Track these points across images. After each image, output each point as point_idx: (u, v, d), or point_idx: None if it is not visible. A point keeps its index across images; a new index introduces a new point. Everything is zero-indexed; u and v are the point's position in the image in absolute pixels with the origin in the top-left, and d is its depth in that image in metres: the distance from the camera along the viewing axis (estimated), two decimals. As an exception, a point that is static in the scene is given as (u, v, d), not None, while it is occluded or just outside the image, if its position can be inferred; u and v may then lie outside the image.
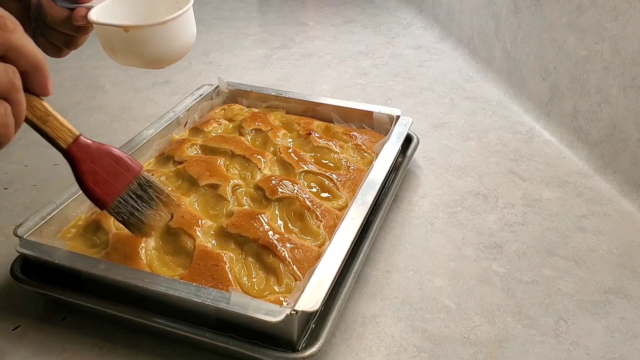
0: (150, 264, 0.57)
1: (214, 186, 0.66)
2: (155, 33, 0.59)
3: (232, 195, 0.65)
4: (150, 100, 1.04)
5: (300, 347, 0.52)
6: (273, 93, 0.87)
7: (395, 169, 0.76)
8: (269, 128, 0.79)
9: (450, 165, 0.84)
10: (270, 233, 0.59)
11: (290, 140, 0.78)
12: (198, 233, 0.59)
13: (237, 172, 0.70)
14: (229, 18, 1.47)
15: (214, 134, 0.78)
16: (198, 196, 0.66)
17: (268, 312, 0.49)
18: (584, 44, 0.83)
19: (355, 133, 0.80)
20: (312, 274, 0.53)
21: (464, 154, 0.87)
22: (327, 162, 0.74)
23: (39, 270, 0.58)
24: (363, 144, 0.77)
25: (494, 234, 0.70)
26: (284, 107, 0.86)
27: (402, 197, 0.77)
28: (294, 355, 0.50)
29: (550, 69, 0.92)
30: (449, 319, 0.58)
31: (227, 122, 0.82)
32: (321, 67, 1.18)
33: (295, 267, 0.56)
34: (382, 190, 0.70)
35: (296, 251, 0.58)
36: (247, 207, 0.64)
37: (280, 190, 0.65)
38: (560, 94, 0.90)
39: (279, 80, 1.12)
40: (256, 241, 0.58)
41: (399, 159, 0.79)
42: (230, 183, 0.66)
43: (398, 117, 0.81)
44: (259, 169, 0.70)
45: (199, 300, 0.50)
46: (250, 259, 0.58)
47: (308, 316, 0.53)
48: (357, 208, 0.63)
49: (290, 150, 0.73)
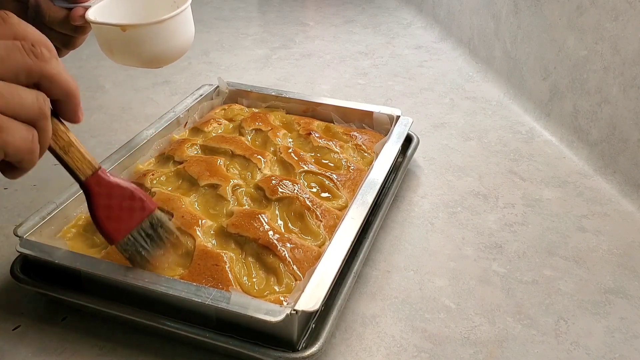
0: (150, 263, 0.57)
1: (214, 186, 0.66)
2: (153, 32, 0.58)
3: (232, 195, 0.65)
4: (150, 100, 1.03)
5: (300, 347, 0.51)
6: (273, 93, 0.87)
7: (395, 169, 0.76)
8: (269, 128, 0.79)
9: (450, 165, 0.84)
10: (271, 233, 0.59)
11: (290, 140, 0.78)
12: (198, 233, 0.59)
13: (237, 172, 0.70)
14: (229, 18, 1.47)
15: (214, 134, 0.78)
16: (198, 196, 0.66)
17: (268, 312, 0.49)
18: (584, 44, 0.83)
19: (355, 133, 0.80)
20: (312, 273, 0.53)
21: (464, 154, 0.87)
22: (327, 162, 0.74)
23: (39, 270, 0.58)
24: (363, 144, 0.77)
25: (494, 234, 0.70)
26: (284, 107, 0.86)
27: (402, 197, 0.77)
28: (294, 355, 0.50)
29: (550, 69, 0.92)
30: (449, 319, 0.58)
31: (227, 122, 0.82)
32: (321, 67, 1.18)
33: (295, 267, 0.56)
34: (382, 190, 0.70)
35: (296, 251, 0.58)
36: (247, 207, 0.64)
37: (280, 190, 0.65)
38: (560, 94, 0.90)
39: (279, 80, 1.12)
40: (256, 241, 0.58)
41: (399, 159, 0.79)
42: (230, 183, 0.66)
43: (398, 117, 0.81)
44: (259, 169, 0.70)
45: (199, 300, 0.50)
46: (250, 259, 0.58)
47: (308, 316, 0.53)
48: (357, 208, 0.63)
49: (290, 150, 0.73)
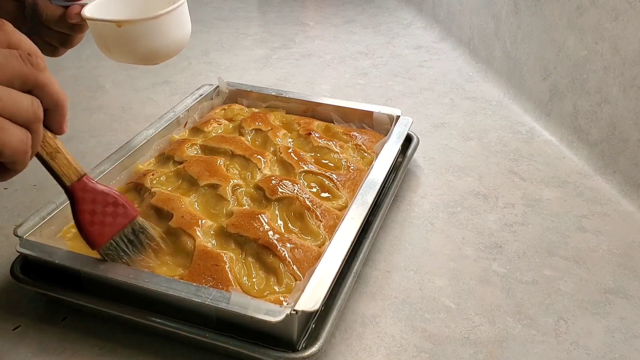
0: (150, 264, 0.57)
1: (214, 186, 0.66)
2: (148, 28, 0.58)
3: (232, 195, 0.65)
4: (150, 100, 1.03)
5: (300, 347, 0.52)
6: (273, 93, 0.87)
7: (395, 169, 0.76)
8: (269, 128, 0.79)
9: (450, 165, 0.84)
10: (270, 233, 0.59)
11: (290, 140, 0.78)
12: (198, 233, 0.59)
13: (237, 172, 0.70)
14: (229, 18, 1.47)
15: (214, 134, 0.78)
16: (198, 196, 0.66)
17: (268, 312, 0.49)
18: (584, 44, 0.83)
19: (355, 133, 0.80)
20: (312, 274, 0.53)
21: (464, 154, 0.87)
22: (327, 162, 0.74)
23: (39, 270, 0.58)
24: (363, 144, 0.77)
25: (494, 234, 0.70)
26: (284, 107, 0.86)
27: (402, 197, 0.77)
28: (294, 355, 0.50)
29: (550, 69, 0.92)
30: (449, 319, 0.58)
31: (227, 122, 0.82)
32: (321, 67, 1.18)
33: (295, 267, 0.56)
34: (382, 190, 0.70)
35: (296, 251, 0.58)
36: (247, 207, 0.64)
37: (280, 190, 0.65)
38: (560, 94, 0.90)
39: (279, 80, 1.12)
40: (256, 241, 0.58)
41: (399, 159, 0.79)
42: (230, 183, 0.66)
43: (398, 117, 0.81)
44: (259, 169, 0.70)
45: (199, 300, 0.50)
46: (250, 259, 0.58)
47: (308, 316, 0.53)
48: (357, 208, 0.63)
49: (290, 150, 0.73)
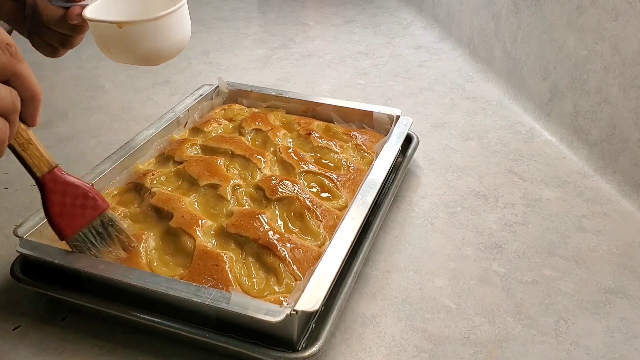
0: (150, 263, 0.57)
1: (214, 186, 0.66)
2: (149, 29, 0.58)
3: (232, 195, 0.65)
4: (150, 100, 1.03)
5: (300, 347, 0.51)
6: (273, 93, 0.87)
7: (395, 169, 0.76)
8: (269, 128, 0.79)
9: (450, 165, 0.84)
10: (270, 233, 0.59)
11: (290, 140, 0.78)
12: (198, 233, 0.59)
13: (237, 172, 0.70)
14: (229, 18, 1.47)
15: (214, 134, 0.78)
16: (198, 196, 0.66)
17: (268, 312, 0.49)
18: (584, 44, 0.83)
19: (355, 133, 0.80)
20: (312, 274, 0.53)
21: (464, 154, 0.87)
22: (327, 162, 0.74)
23: (39, 270, 0.58)
24: (363, 144, 0.77)
25: (494, 234, 0.70)
26: (284, 107, 0.86)
27: (402, 197, 0.77)
28: (294, 355, 0.50)
29: (550, 69, 0.92)
30: (449, 319, 0.58)
31: (227, 122, 0.82)
32: (321, 67, 1.18)
33: (295, 267, 0.56)
34: (382, 190, 0.70)
35: (296, 251, 0.58)
36: (247, 207, 0.64)
37: (280, 190, 0.65)
38: (560, 94, 0.90)
39: (279, 80, 1.12)
40: (256, 241, 0.58)
41: (399, 159, 0.79)
42: (230, 183, 0.66)
43: (398, 117, 0.81)
44: (259, 169, 0.70)
45: (199, 300, 0.50)
46: (250, 259, 0.58)
47: (308, 316, 0.53)
48: (357, 208, 0.63)
49: (290, 150, 0.73)
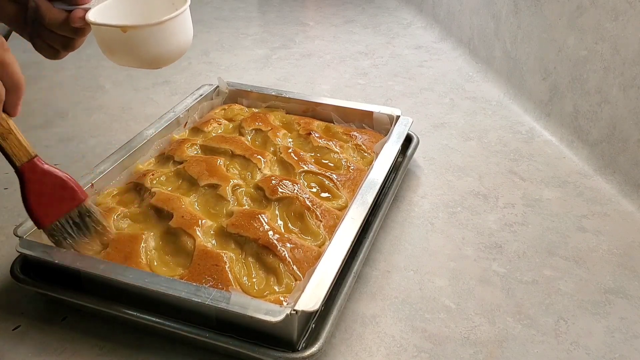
0: (150, 264, 0.57)
1: (214, 186, 0.66)
2: (153, 33, 0.59)
3: (232, 195, 0.65)
4: (150, 100, 1.03)
5: (300, 347, 0.52)
6: (273, 93, 0.87)
7: (395, 169, 0.76)
8: (269, 128, 0.79)
9: (450, 165, 0.84)
10: (270, 233, 0.59)
11: (290, 140, 0.78)
12: (198, 233, 0.59)
13: (237, 172, 0.70)
14: (229, 18, 1.47)
15: (214, 134, 0.78)
16: (198, 196, 0.66)
17: (268, 312, 0.49)
18: (584, 44, 0.83)
19: (355, 133, 0.80)
20: (312, 274, 0.53)
21: (464, 154, 0.87)
22: (327, 162, 0.74)
23: (39, 270, 0.58)
24: (363, 144, 0.77)
25: (494, 234, 0.70)
26: (284, 107, 0.86)
27: (402, 197, 0.77)
28: (294, 355, 0.50)
29: (550, 69, 0.92)
30: (449, 319, 0.58)
31: (227, 122, 0.82)
32: (321, 67, 1.18)
33: (295, 267, 0.56)
34: (382, 190, 0.70)
35: (296, 251, 0.58)
36: (247, 207, 0.64)
37: (280, 190, 0.65)
38: (560, 94, 0.90)
39: (279, 80, 1.12)
40: (256, 241, 0.58)
41: (399, 159, 0.79)
42: (230, 183, 0.66)
43: (398, 117, 0.81)
44: (259, 169, 0.70)
45: (199, 300, 0.50)
46: (250, 259, 0.58)
47: (308, 316, 0.53)
48: (357, 208, 0.63)
49: (290, 150, 0.73)
